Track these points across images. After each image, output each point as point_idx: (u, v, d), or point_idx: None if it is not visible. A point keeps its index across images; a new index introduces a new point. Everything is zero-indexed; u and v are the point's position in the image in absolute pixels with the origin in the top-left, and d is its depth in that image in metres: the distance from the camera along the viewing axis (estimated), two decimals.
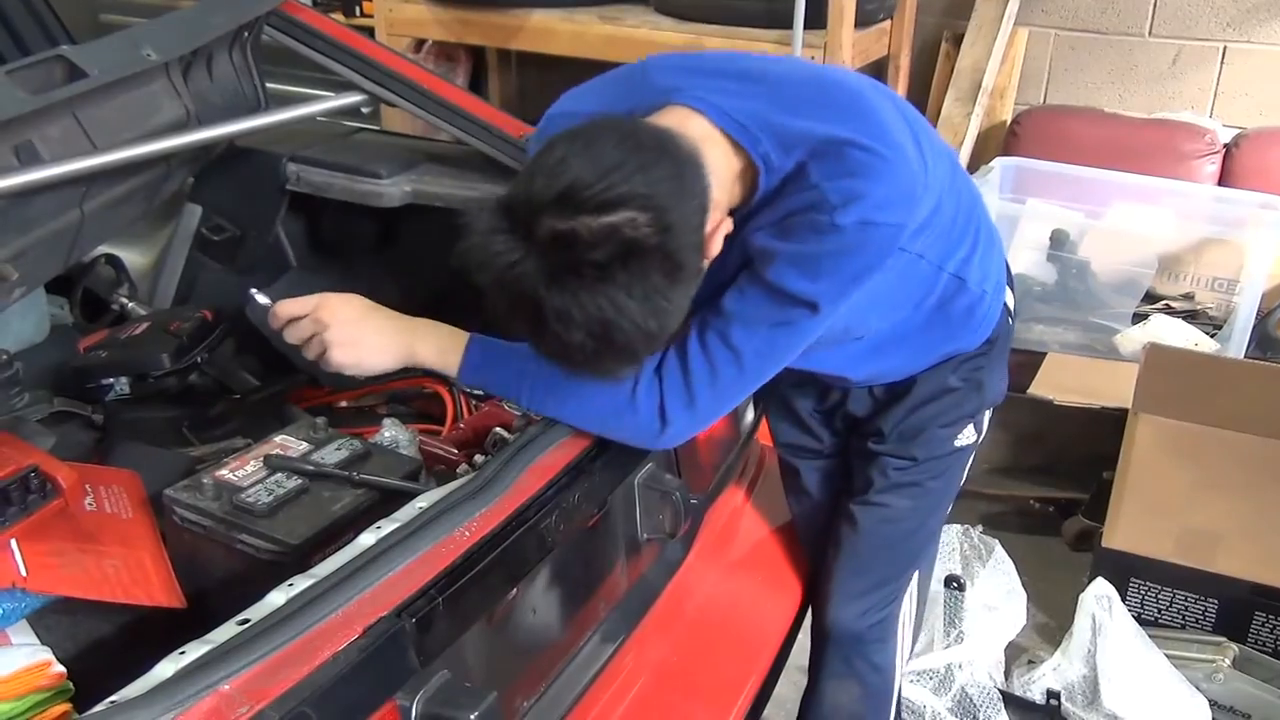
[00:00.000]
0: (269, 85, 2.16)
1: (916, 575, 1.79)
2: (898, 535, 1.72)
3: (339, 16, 4.02)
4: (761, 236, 1.31)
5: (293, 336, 1.46)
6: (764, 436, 1.98)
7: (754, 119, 1.28)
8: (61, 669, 1.16)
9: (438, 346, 1.44)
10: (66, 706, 1.14)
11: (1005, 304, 1.65)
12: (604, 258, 1.11)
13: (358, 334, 1.43)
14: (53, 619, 1.31)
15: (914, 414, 1.65)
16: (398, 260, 2.33)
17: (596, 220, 1.11)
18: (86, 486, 1.43)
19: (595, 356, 1.19)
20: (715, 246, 1.26)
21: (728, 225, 1.29)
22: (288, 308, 1.46)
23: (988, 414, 1.71)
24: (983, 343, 1.63)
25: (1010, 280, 1.69)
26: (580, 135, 1.17)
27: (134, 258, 2.39)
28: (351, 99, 2.16)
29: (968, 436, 1.68)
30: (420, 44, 4.30)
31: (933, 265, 1.45)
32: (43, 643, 1.21)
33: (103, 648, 1.33)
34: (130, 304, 2.26)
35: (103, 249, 2.23)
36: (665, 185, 1.15)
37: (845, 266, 1.29)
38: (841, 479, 1.77)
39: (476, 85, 4.59)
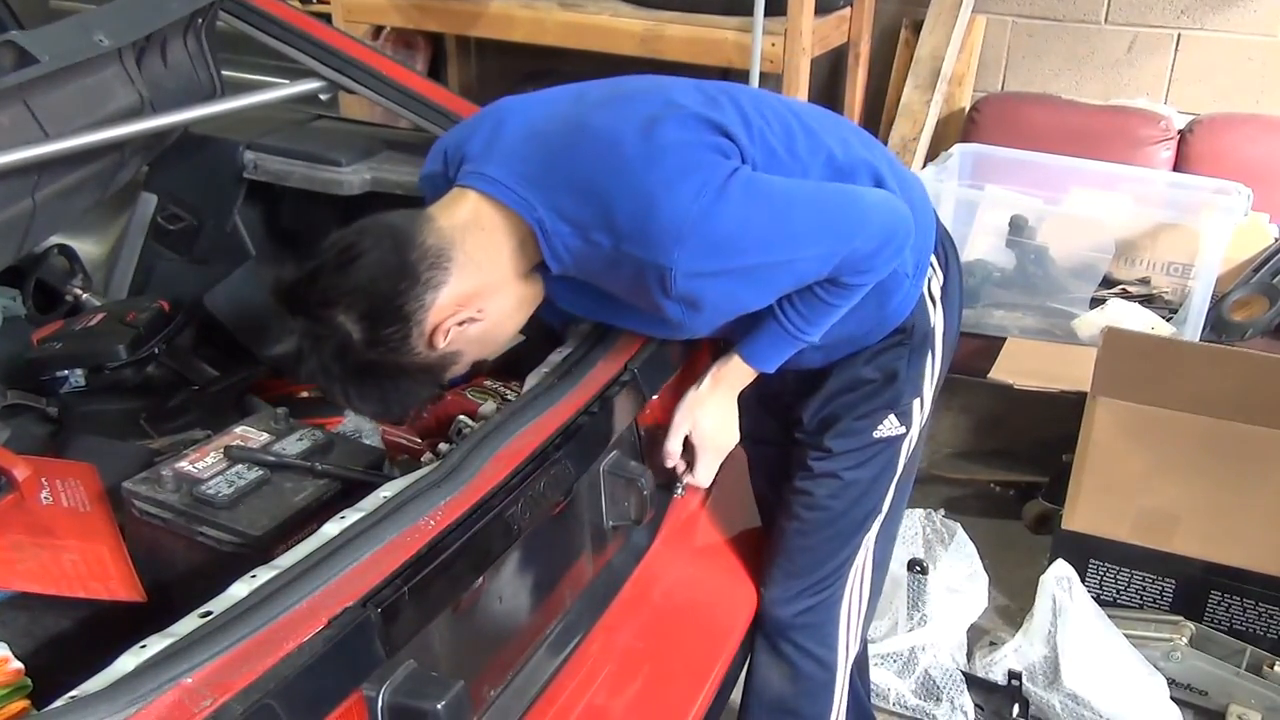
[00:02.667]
0: (225, 72, 2.13)
1: (859, 565, 1.77)
2: (818, 524, 1.71)
3: (295, 3, 3.97)
4: (680, 314, 1.38)
5: (702, 476, 1.66)
6: None
7: (527, 186, 1.35)
8: (19, 665, 1.14)
9: (743, 375, 1.59)
10: (25, 703, 1.12)
11: (927, 291, 1.61)
12: (311, 339, 1.30)
13: (720, 422, 1.62)
14: (9, 614, 1.29)
15: (828, 405, 1.65)
16: None
17: (316, 311, 1.29)
18: (42, 480, 1.41)
19: None
20: (465, 338, 1.35)
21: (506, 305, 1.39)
22: (671, 451, 1.63)
23: (917, 405, 1.67)
24: (893, 332, 1.61)
25: (945, 260, 1.66)
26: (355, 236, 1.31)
27: (88, 248, 2.36)
28: (310, 85, 2.14)
29: (891, 428, 1.66)
30: (378, 31, 4.26)
31: None
32: (0, 639, 1.19)
33: (61, 643, 1.31)
34: (84, 295, 2.23)
35: (55, 239, 2.19)
36: (372, 295, 1.28)
37: (709, 236, 1.32)
38: (782, 468, 1.78)
39: (436, 72, 4.56)
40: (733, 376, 1.60)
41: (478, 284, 1.34)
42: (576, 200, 1.33)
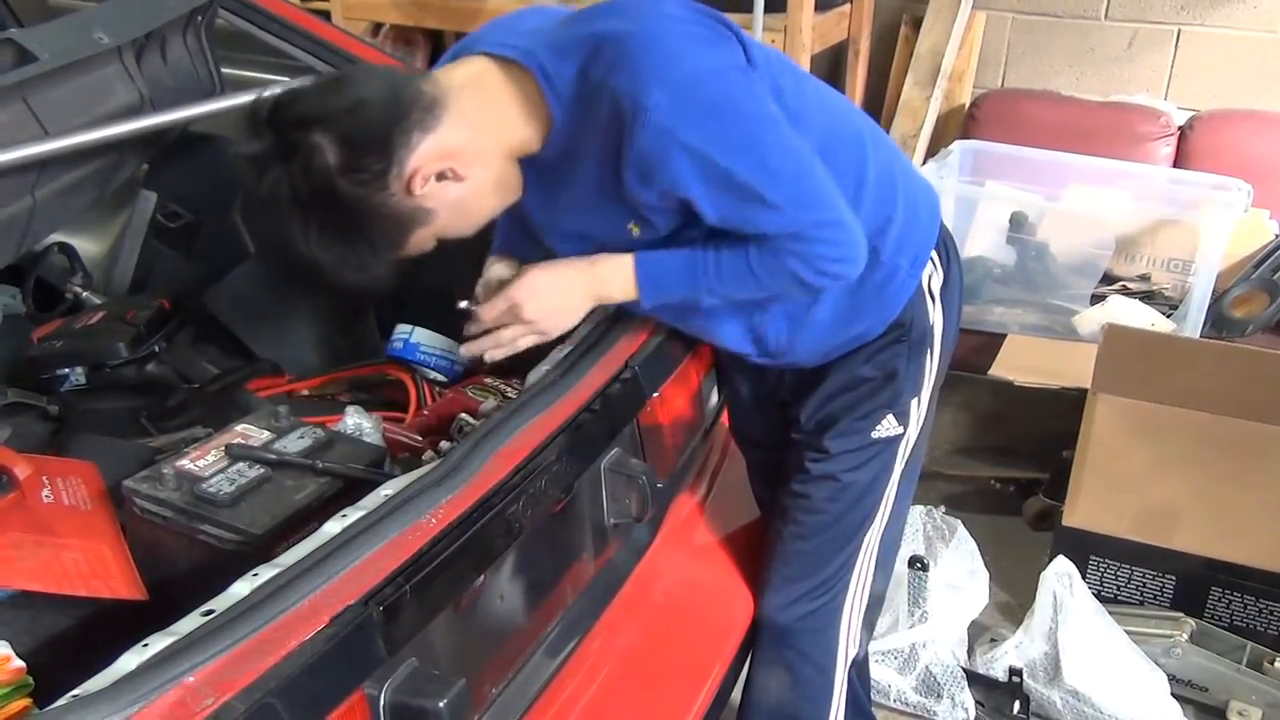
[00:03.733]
0: (225, 70, 2.12)
1: (860, 568, 1.75)
2: (818, 527, 1.69)
3: (294, 0, 3.96)
4: (633, 181, 1.34)
5: (505, 337, 1.50)
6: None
7: (533, 41, 1.36)
8: (21, 663, 1.14)
9: (620, 283, 1.47)
10: (26, 701, 1.12)
11: (927, 287, 1.61)
12: (281, 152, 1.24)
13: (560, 302, 1.48)
14: (11, 613, 1.29)
15: (827, 405, 1.64)
16: None
17: (295, 126, 1.24)
18: (44, 478, 1.41)
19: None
20: (445, 188, 1.33)
21: (500, 169, 1.38)
22: (486, 313, 1.50)
23: (915, 404, 1.66)
24: (891, 325, 1.59)
25: (946, 259, 1.64)
26: (349, 70, 1.33)
27: (88, 246, 2.35)
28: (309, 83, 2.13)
29: (889, 428, 1.64)
30: (377, 28, 4.25)
31: None
32: (1, 637, 1.19)
33: (63, 641, 1.30)
34: (85, 293, 2.23)
35: (55, 237, 2.19)
36: (364, 127, 1.25)
37: (702, 104, 1.30)
38: (779, 472, 1.76)
39: None
40: (609, 276, 1.47)
41: (465, 142, 1.33)
42: (580, 44, 1.33)
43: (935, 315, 1.63)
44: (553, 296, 1.48)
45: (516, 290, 1.47)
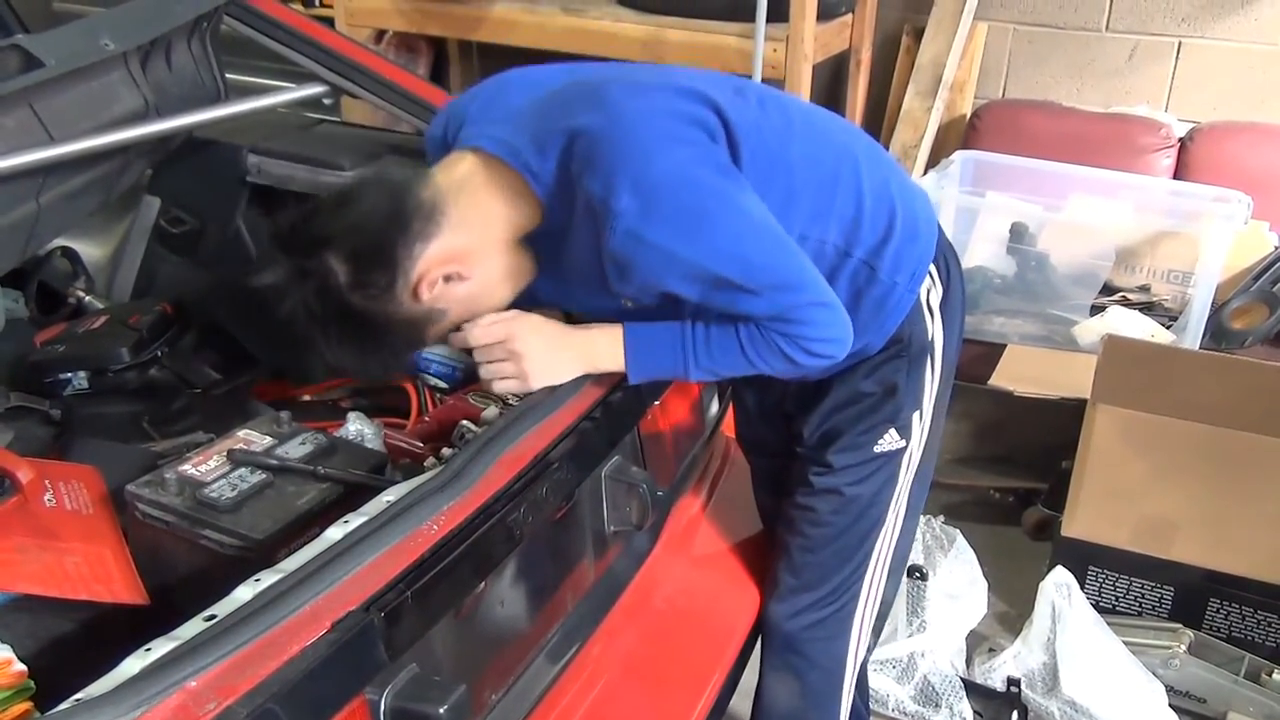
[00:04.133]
0: (229, 76, 2.13)
1: (871, 577, 1.74)
2: (824, 539, 1.70)
3: (298, 7, 3.98)
4: (613, 276, 1.37)
5: (488, 371, 1.49)
6: (729, 429, 1.99)
7: (517, 130, 1.39)
8: (22, 667, 1.14)
9: (611, 352, 1.48)
10: (28, 705, 1.12)
11: (925, 302, 1.60)
12: (297, 275, 1.32)
13: (551, 361, 1.48)
14: (12, 616, 1.29)
15: (829, 419, 1.64)
16: None
17: (307, 250, 1.32)
18: (46, 482, 1.41)
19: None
20: (450, 290, 1.38)
21: (507, 266, 1.43)
22: (479, 335, 1.47)
23: (917, 418, 1.66)
24: (889, 341, 1.59)
25: (946, 273, 1.63)
26: (354, 184, 1.39)
27: (91, 250, 2.36)
28: (313, 90, 2.14)
29: (891, 442, 1.65)
30: (381, 35, 4.27)
31: (835, 248, 1.48)
32: (2, 641, 1.19)
33: (64, 645, 1.31)
34: (87, 297, 2.23)
35: (59, 241, 2.20)
36: (365, 242, 1.31)
37: (670, 216, 1.32)
38: (783, 481, 1.76)
39: (438, 76, 4.57)
40: (602, 340, 1.49)
41: (467, 243, 1.37)
42: (557, 137, 1.36)
43: (934, 330, 1.63)
44: (545, 340, 1.48)
45: (515, 319, 1.47)
